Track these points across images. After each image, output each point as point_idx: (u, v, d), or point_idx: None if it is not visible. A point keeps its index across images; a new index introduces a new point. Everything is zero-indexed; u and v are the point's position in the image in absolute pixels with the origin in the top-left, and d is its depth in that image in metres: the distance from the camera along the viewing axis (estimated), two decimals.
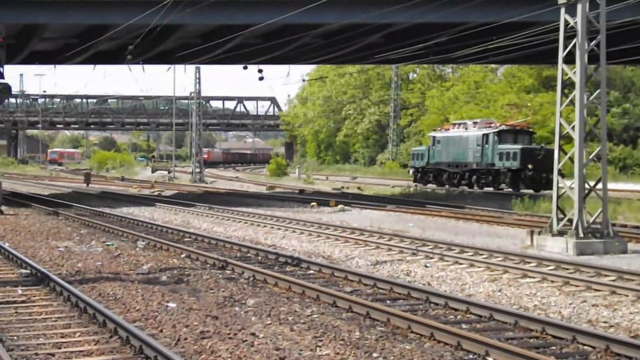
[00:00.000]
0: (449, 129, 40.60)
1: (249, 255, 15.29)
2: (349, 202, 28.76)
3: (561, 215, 16.23)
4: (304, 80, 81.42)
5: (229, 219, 23.23)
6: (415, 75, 74.59)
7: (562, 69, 16.20)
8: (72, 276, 12.45)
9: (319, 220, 21.65)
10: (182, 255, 15.12)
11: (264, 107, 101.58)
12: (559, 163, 16.49)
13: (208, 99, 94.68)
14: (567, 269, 12.93)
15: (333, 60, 34.88)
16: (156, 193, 38.07)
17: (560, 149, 16.51)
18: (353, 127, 75.14)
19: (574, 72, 15.93)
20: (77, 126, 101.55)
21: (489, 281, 12.17)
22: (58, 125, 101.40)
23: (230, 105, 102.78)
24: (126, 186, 45.89)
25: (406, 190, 38.62)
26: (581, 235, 15.57)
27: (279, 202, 30.70)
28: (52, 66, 37.51)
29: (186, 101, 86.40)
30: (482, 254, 14.52)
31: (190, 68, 61.71)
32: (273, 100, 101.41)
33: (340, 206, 27.05)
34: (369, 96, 74.44)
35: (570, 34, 16.03)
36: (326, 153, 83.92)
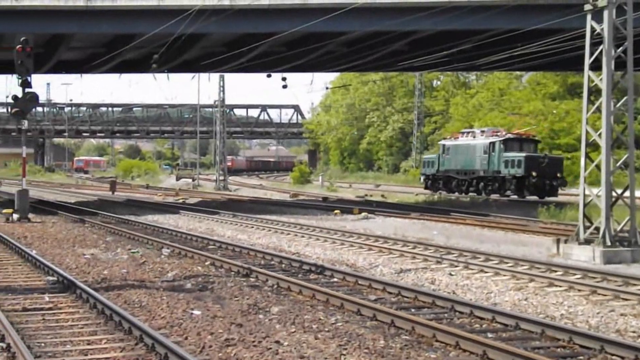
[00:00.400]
0: (458, 138, 41.75)
1: (272, 262, 15.30)
2: (373, 209, 28.74)
3: (588, 224, 16.06)
4: (327, 88, 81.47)
5: (252, 227, 23.28)
6: (439, 82, 74.41)
7: (589, 76, 16.07)
8: (98, 283, 12.54)
9: (343, 228, 21.64)
10: (207, 263, 15.17)
11: (287, 115, 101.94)
12: (585, 171, 16.33)
13: (232, 107, 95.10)
14: (595, 277, 12.79)
15: (356, 67, 34.91)
16: (180, 201, 38.24)
17: (587, 156, 16.36)
18: (376, 135, 75.08)
19: (601, 79, 15.79)
20: (102, 134, 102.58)
21: (515, 290, 12.07)
22: (84, 134, 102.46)
23: (254, 113, 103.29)
24: (151, 194, 46.18)
25: (430, 198, 38.49)
26: (608, 243, 15.40)
27: (302, 209, 30.73)
28: (79, 75, 37.89)
29: (210, 109, 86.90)
30: (507, 262, 14.41)
31: (215, 76, 62.22)
32: (296, 108, 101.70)
33: (363, 214, 27.04)
34: (393, 104, 74.35)
35: (597, 41, 15.90)
36: (349, 160, 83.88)
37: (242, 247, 17.29)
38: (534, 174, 35.50)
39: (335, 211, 28.28)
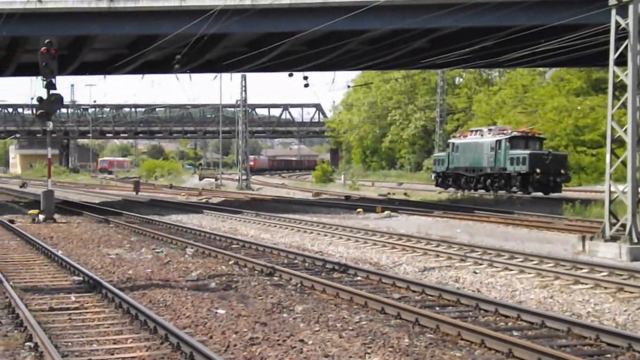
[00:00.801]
0: (467, 136, 43.09)
1: (296, 261, 15.33)
2: (396, 208, 28.74)
3: (614, 220, 15.89)
4: (349, 87, 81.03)
5: (275, 226, 23.34)
6: (461, 79, 73.95)
7: (613, 72, 15.90)
8: (123, 283, 12.63)
9: (366, 227, 21.65)
10: (231, 262, 15.22)
11: (309, 114, 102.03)
12: (610, 167, 16.16)
13: (254, 106, 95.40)
14: (621, 275, 12.65)
15: (378, 65, 34.84)
16: (204, 200, 38.43)
17: (613, 152, 16.18)
18: (399, 133, 74.85)
19: (626, 74, 15.61)
20: (126, 135, 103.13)
21: (540, 287, 11.98)
22: (108, 135, 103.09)
23: (275, 112, 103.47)
24: (174, 194, 46.45)
25: (453, 196, 38.38)
26: (635, 240, 15.23)
27: (325, 208, 30.78)
28: (102, 76, 38.18)
29: (232, 109, 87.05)
30: (532, 260, 14.31)
31: (236, 76, 62.26)
32: (318, 107, 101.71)
33: (386, 212, 27.05)
34: (415, 101, 74.09)
35: (622, 36, 15.72)
36: (372, 159, 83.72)
37: (266, 246, 17.33)
38: (537, 170, 36.60)
39: (358, 210, 28.32)
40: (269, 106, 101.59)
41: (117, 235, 20.91)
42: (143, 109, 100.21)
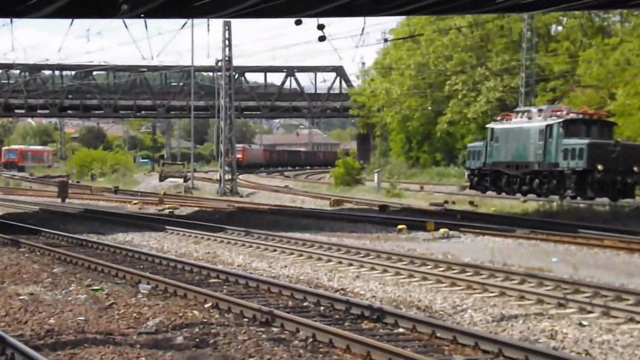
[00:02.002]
0: (510, 119, 46.30)
1: (305, 304, 15.38)
2: (457, 224, 28.81)
3: None
4: (386, 41, 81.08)
5: (275, 250, 23.36)
6: (560, 28, 73.65)
7: None
8: (40, 338, 12.59)
9: (411, 252, 21.65)
10: (207, 305, 15.23)
11: (326, 82, 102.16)
12: None
13: (243, 70, 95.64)
14: None
15: (430, 8, 34.70)
16: (167, 211, 38.55)
17: None
18: (462, 110, 74.77)
19: None
20: (46, 111, 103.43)
21: None
22: (17, 110, 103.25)
23: (276, 79, 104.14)
24: (122, 201, 46.54)
25: (546, 207, 38.26)
26: None
27: (349, 224, 30.85)
28: (7, 20, 38.05)
29: (210, 74, 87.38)
30: None
31: (217, 24, 62.40)
32: (339, 72, 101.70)
33: (442, 230, 27.13)
34: (487, 63, 73.90)
35: None
36: (420, 150, 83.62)
37: (260, 281, 17.39)
38: (599, 167, 39.35)
39: (400, 226, 28.43)
40: (265, 70, 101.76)
41: (31, 265, 20.90)
42: (73, 73, 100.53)
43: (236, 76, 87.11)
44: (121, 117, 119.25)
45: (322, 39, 32.37)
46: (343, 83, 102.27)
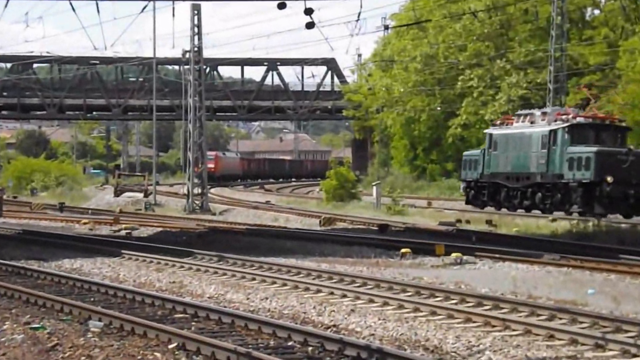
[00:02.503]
0: (512, 123, 47.92)
1: (290, 344, 15.33)
2: (472, 247, 28.82)
3: None
4: (386, 28, 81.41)
5: (253, 279, 23.32)
6: (597, 12, 73.58)
7: None
8: None
9: (417, 282, 21.66)
10: (171, 346, 15.14)
11: (315, 78, 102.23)
12: None
13: (216, 63, 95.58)
14: None
15: None
16: (123, 232, 38.41)
17: None
18: (477, 111, 74.71)
19: None
20: None
21: None
22: None
23: (254, 74, 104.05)
24: (69, 220, 46.42)
25: (579, 227, 38.20)
26: None
27: (343, 247, 30.82)
28: None
29: (177, 67, 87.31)
30: None
31: (183, 8, 62.26)
32: (331, 65, 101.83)
33: (454, 255, 27.06)
34: (508, 54, 73.81)
35: None
36: (427, 159, 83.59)
37: (236, 316, 17.27)
38: (609, 179, 40.35)
39: (403, 250, 28.38)
40: (242, 63, 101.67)
41: None
42: (8, 65, 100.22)
43: (207, 70, 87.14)
44: (68, 119, 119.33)
45: (310, 25, 32.33)
46: (335, 79, 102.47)
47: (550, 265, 25.35)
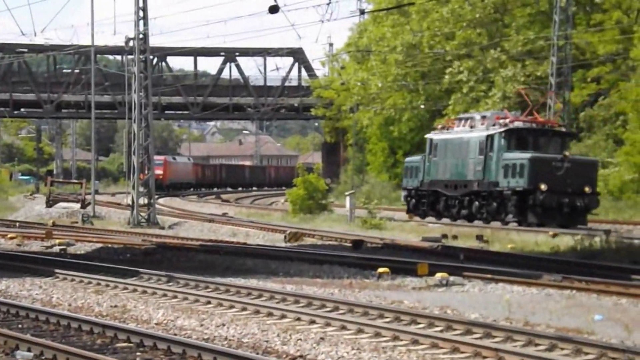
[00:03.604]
0: (451, 127, 51.86)
1: None
2: (459, 266, 28.88)
3: None
4: (362, 13, 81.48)
5: (208, 302, 23.33)
6: None
7: None
8: None
9: (396, 307, 21.66)
10: None
11: (279, 71, 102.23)
12: None
13: (165, 53, 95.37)
14: None
15: None
16: (57, 249, 38.24)
17: None
18: (468, 109, 74.65)
19: None
20: None
21: None
22: None
23: (209, 66, 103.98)
24: None
25: (583, 243, 38.27)
26: None
27: (311, 266, 30.94)
28: None
29: (119, 57, 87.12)
30: None
31: None
32: (298, 56, 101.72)
33: (439, 275, 27.09)
34: (503, 43, 73.78)
35: None
36: None
37: (188, 345, 17.28)
38: (542, 187, 44.09)
39: (381, 270, 28.37)
40: (195, 53, 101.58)
41: None
42: None
43: (155, 61, 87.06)
44: None
45: (274, 9, 32.50)
46: (303, 72, 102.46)
47: (550, 288, 25.34)
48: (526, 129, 47.67)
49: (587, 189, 45.02)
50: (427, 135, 54.65)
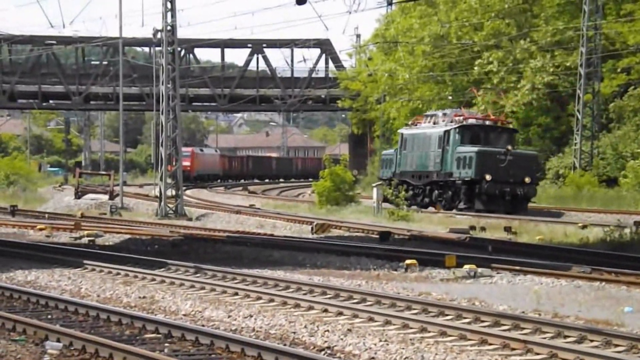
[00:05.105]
0: (419, 123, 57.97)
1: None
2: (488, 258, 28.86)
3: None
4: (389, 4, 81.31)
5: (235, 294, 23.33)
6: None
7: None
8: None
9: (424, 298, 21.65)
10: None
11: (306, 62, 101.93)
12: None
13: (192, 44, 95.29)
14: None
15: None
16: (86, 240, 38.37)
17: None
18: (497, 101, 74.45)
19: None
20: None
21: None
22: None
23: (236, 58, 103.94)
24: (22, 225, 46.34)
25: (612, 235, 38.17)
26: None
27: (338, 257, 30.94)
28: None
29: (146, 49, 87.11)
30: None
31: None
32: (325, 47, 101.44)
33: (467, 267, 27.09)
34: (532, 34, 73.54)
35: None
36: None
37: (215, 337, 17.31)
38: (487, 177, 49.84)
39: (408, 262, 28.42)
40: (223, 45, 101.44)
41: None
42: None
43: (182, 53, 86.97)
44: (20, 109, 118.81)
45: (301, 1, 32.46)
46: (330, 63, 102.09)
47: (579, 279, 25.25)
48: (477, 125, 53.84)
49: (527, 180, 50.88)
50: (399, 130, 62.26)
